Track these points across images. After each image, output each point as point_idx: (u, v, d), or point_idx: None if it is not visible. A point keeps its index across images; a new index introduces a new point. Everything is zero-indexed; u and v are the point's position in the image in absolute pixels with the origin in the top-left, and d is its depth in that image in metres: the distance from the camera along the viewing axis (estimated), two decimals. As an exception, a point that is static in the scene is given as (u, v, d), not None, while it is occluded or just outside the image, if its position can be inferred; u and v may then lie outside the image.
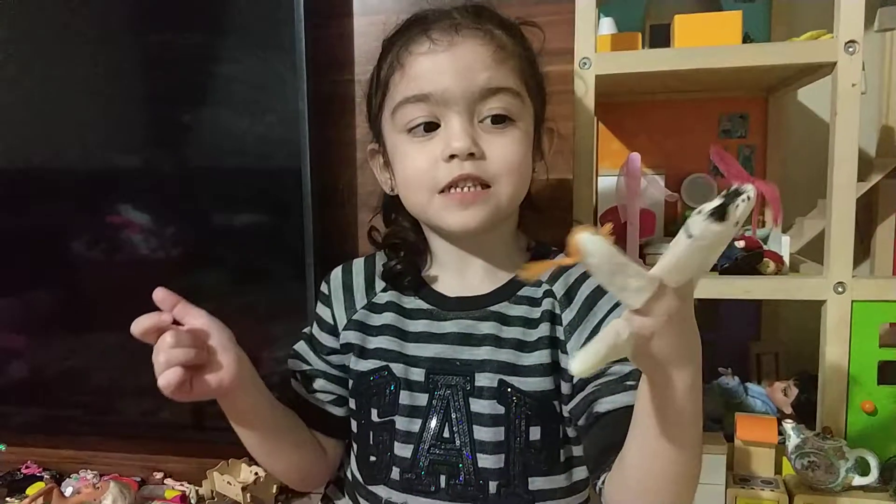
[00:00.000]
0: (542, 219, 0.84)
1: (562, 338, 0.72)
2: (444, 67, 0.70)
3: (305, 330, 0.85)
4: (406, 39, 0.72)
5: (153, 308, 0.67)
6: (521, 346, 0.73)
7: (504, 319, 0.75)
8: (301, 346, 0.84)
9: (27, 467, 1.33)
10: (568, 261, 0.41)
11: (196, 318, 0.69)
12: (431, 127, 0.71)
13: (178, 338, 0.64)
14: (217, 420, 0.75)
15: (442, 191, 0.71)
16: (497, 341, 0.73)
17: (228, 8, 1.13)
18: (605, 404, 0.66)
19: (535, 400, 0.71)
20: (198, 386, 0.66)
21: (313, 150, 1.10)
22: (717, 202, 0.39)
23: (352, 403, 0.81)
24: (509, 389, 0.72)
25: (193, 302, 0.69)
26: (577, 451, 0.73)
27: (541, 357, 0.72)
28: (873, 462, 0.89)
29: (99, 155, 1.22)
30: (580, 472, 0.74)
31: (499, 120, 0.71)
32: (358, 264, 0.84)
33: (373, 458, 0.77)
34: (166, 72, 1.17)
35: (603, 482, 0.63)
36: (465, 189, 0.70)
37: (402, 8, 1.13)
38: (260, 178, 1.15)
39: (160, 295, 0.68)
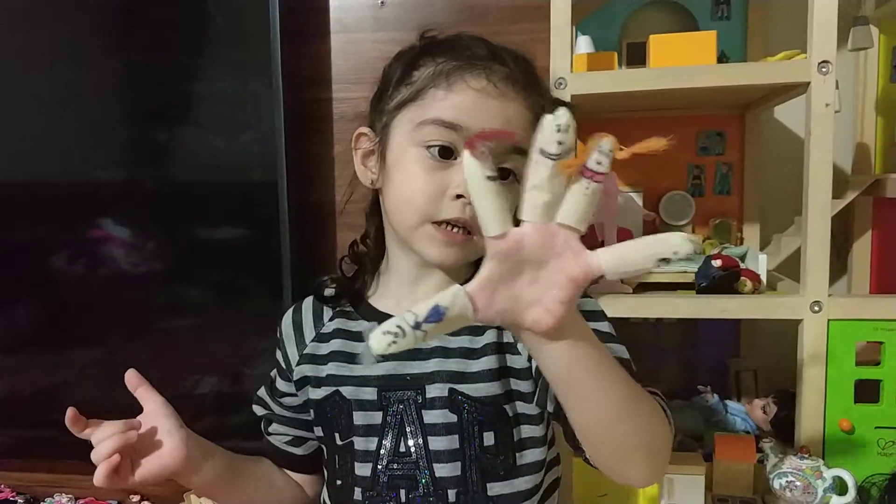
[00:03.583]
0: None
1: (510, 340, 0.74)
2: (491, 112, 0.69)
3: (272, 373, 0.86)
4: (463, 63, 0.70)
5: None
6: (469, 353, 0.74)
7: None
8: (262, 391, 0.87)
9: (0, 491, 1.31)
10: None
11: (149, 402, 0.74)
12: (447, 153, 0.70)
13: (99, 435, 0.70)
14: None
15: (434, 222, 0.70)
16: (445, 352, 0.74)
17: (207, 27, 1.13)
18: None
19: (486, 405, 0.73)
20: (140, 471, 0.70)
21: (290, 167, 1.09)
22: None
23: (318, 431, 0.81)
24: (460, 397, 0.73)
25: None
26: (533, 455, 0.74)
27: (489, 363, 0.73)
28: (851, 482, 0.89)
29: (78, 171, 1.21)
30: (538, 477, 0.75)
31: (505, 175, 0.70)
32: (307, 302, 0.85)
33: (339, 482, 0.78)
34: (145, 89, 1.18)
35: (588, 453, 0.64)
36: (455, 230, 0.70)
37: (379, 27, 1.13)
38: (237, 195, 1.15)
39: (129, 376, 0.75)
